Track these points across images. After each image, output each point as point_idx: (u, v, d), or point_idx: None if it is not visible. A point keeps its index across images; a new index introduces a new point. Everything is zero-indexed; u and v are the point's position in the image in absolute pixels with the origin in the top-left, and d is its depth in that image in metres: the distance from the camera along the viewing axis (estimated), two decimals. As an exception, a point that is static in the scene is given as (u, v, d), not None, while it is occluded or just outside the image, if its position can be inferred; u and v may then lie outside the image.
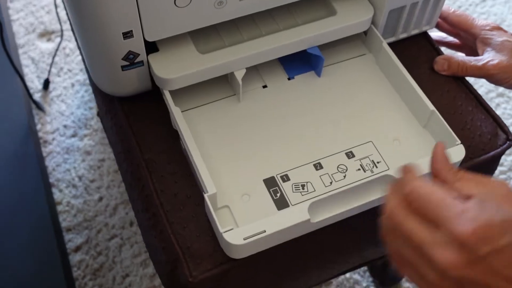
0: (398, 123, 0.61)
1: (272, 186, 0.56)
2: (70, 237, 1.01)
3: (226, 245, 0.51)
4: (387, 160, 0.58)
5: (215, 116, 0.61)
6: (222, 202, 0.54)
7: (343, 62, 0.66)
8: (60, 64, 1.23)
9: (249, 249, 0.51)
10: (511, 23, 1.34)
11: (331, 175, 0.57)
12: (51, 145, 1.12)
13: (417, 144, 0.59)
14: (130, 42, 0.55)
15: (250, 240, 0.50)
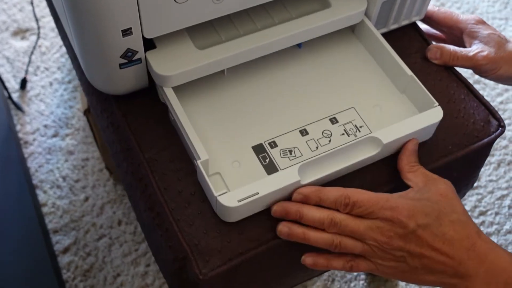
0: (378, 90, 0.64)
1: (261, 152, 0.58)
2: (58, 239, 0.99)
3: (221, 209, 0.53)
4: (369, 124, 0.61)
5: (202, 89, 0.62)
6: (213, 169, 0.56)
7: (325, 35, 0.66)
8: (37, 62, 1.21)
9: (243, 212, 0.54)
10: (483, 11, 1.37)
11: (317, 140, 0.59)
12: (32, 145, 1.10)
13: (397, 109, 0.62)
14: (128, 39, 0.54)
15: (244, 202, 0.52)
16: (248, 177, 0.56)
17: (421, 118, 0.58)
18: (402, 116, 0.61)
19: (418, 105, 0.62)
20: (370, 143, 0.57)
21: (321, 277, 0.98)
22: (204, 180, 0.53)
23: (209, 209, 0.55)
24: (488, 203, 1.08)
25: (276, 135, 0.59)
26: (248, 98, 0.62)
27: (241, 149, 0.58)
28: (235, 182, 0.56)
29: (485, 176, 1.11)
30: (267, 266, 0.57)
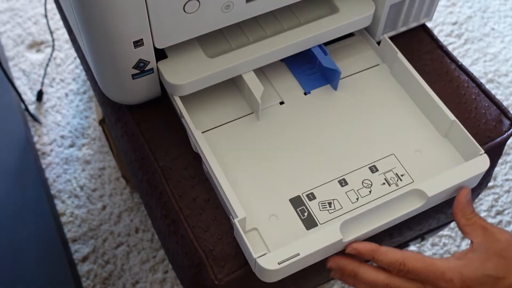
0: (418, 134, 0.61)
1: (299, 205, 0.56)
2: (77, 248, 1.01)
3: (260, 271, 0.50)
4: (410, 172, 0.58)
5: (235, 136, 0.60)
6: (250, 225, 0.54)
7: (357, 73, 0.65)
8: (52, 74, 1.23)
9: (283, 273, 0.51)
10: (495, 9, 1.36)
11: (357, 191, 0.57)
12: (49, 156, 1.11)
13: (439, 154, 0.59)
14: (140, 50, 0.55)
15: (285, 264, 0.50)
16: (286, 233, 0.54)
17: (467, 167, 0.56)
18: (445, 163, 0.59)
19: (462, 152, 0.59)
20: (414, 196, 0.54)
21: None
22: (242, 240, 0.51)
23: (223, 215, 0.56)
24: (505, 202, 1.07)
25: (314, 186, 0.57)
26: (283, 145, 0.59)
27: (278, 202, 0.56)
28: (273, 239, 0.53)
29: (501, 175, 1.10)
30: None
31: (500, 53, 1.28)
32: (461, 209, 0.55)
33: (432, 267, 0.51)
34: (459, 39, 1.31)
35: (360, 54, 0.67)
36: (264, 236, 0.53)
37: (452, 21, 1.34)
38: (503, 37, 1.31)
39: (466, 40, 1.30)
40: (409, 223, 0.65)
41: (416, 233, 0.70)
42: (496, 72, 1.25)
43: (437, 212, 0.66)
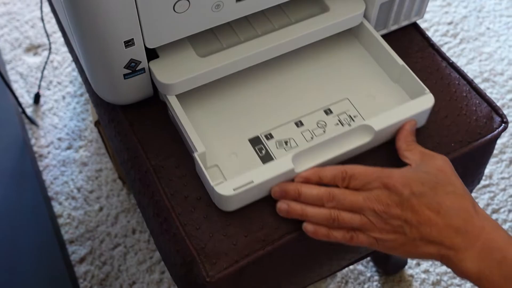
0: (371, 80, 0.65)
1: (257, 144, 0.59)
2: (74, 249, 1.01)
3: (218, 198, 0.54)
4: (362, 113, 0.62)
5: (200, 87, 0.62)
6: (211, 162, 0.58)
7: None
8: (49, 77, 1.23)
9: (239, 201, 0.55)
10: (490, 9, 1.37)
11: (312, 130, 0.61)
12: (46, 158, 1.12)
13: (390, 98, 0.63)
14: (131, 50, 0.56)
15: (239, 190, 0.53)
16: (244, 168, 0.57)
17: (412, 105, 0.59)
18: (395, 105, 0.62)
19: (410, 94, 0.63)
20: (362, 131, 0.58)
21: (335, 279, 0.98)
22: (202, 172, 0.55)
23: (215, 213, 0.56)
24: (501, 200, 1.07)
25: (272, 127, 0.61)
26: (245, 93, 0.63)
27: (238, 142, 0.59)
28: (232, 172, 0.57)
29: (497, 173, 1.11)
30: (274, 266, 0.57)
31: (496, 52, 1.29)
32: (404, 136, 0.58)
33: (373, 169, 0.54)
34: (455, 38, 1.31)
35: None
36: (223, 170, 0.58)
37: (447, 21, 1.34)
38: (498, 36, 1.32)
39: (462, 40, 1.31)
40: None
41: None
42: (491, 71, 1.26)
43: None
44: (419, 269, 1.00)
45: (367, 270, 0.99)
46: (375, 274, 0.99)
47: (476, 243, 0.51)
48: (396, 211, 0.52)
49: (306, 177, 0.55)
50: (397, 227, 0.52)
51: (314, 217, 0.54)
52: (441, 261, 0.53)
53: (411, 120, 0.59)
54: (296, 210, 0.54)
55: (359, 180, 0.54)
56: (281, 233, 0.56)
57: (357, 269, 0.99)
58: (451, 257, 0.51)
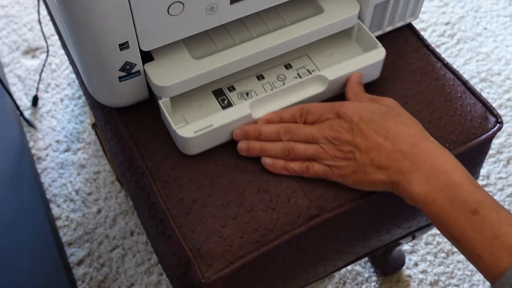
0: (331, 39, 0.67)
1: (220, 95, 0.63)
2: (72, 251, 1.01)
3: (180, 141, 0.58)
4: (320, 68, 0.65)
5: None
6: (177, 111, 0.61)
7: None
8: (47, 80, 1.24)
9: (200, 144, 0.59)
10: (487, 9, 1.37)
11: (272, 83, 0.64)
12: (45, 161, 1.12)
13: (348, 54, 0.66)
14: (126, 53, 0.56)
15: (200, 133, 0.57)
16: (207, 116, 0.60)
17: (363, 57, 0.63)
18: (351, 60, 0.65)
19: (366, 50, 0.66)
20: (317, 81, 0.62)
21: (332, 280, 0.98)
22: (166, 118, 0.59)
23: (210, 215, 0.56)
24: (499, 200, 1.08)
25: (234, 80, 0.64)
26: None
27: (203, 94, 0.63)
28: (194, 119, 0.60)
29: (495, 173, 1.11)
30: (270, 267, 0.58)
31: (493, 52, 1.29)
32: (351, 87, 0.61)
33: (328, 103, 0.58)
34: (452, 39, 1.31)
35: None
36: (187, 118, 0.61)
37: (444, 21, 1.34)
38: (495, 36, 1.32)
39: (459, 40, 1.31)
40: (396, 221, 0.66)
41: (405, 230, 0.71)
42: (489, 71, 1.26)
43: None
44: (417, 269, 1.00)
45: (365, 271, 0.99)
46: (373, 274, 0.99)
47: (423, 166, 0.52)
48: (346, 137, 0.55)
49: (267, 119, 0.59)
50: (348, 153, 0.55)
51: (272, 150, 0.57)
52: (392, 189, 0.54)
53: (356, 73, 0.62)
54: (255, 147, 0.58)
55: (315, 114, 0.57)
56: (276, 234, 0.56)
57: (355, 269, 0.99)
58: (400, 182, 0.53)
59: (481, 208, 0.50)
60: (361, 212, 0.60)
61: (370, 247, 0.69)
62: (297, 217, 0.57)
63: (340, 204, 0.58)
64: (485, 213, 0.50)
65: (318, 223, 0.57)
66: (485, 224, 0.49)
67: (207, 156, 0.60)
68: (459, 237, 0.50)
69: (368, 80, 0.65)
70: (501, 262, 0.47)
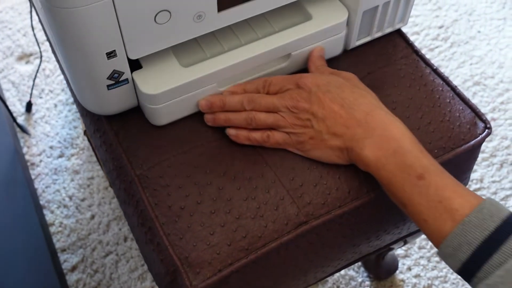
0: None
1: None
2: (66, 257, 1.01)
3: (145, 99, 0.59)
4: None
5: None
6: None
7: None
8: (41, 85, 1.24)
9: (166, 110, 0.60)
10: (481, 12, 1.37)
11: None
12: (38, 167, 1.12)
13: None
14: (114, 61, 0.56)
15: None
16: None
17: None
18: None
19: None
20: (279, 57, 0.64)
21: (325, 285, 0.98)
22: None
23: (198, 223, 0.57)
24: (492, 204, 1.08)
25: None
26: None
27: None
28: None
29: (488, 177, 1.11)
30: (258, 275, 0.58)
31: (486, 56, 1.29)
32: (313, 61, 0.64)
33: (290, 75, 0.61)
34: (446, 42, 1.32)
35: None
36: None
37: (438, 25, 1.35)
38: (489, 39, 1.32)
39: (453, 43, 1.31)
40: (385, 227, 0.66)
41: (395, 236, 0.71)
42: (482, 75, 1.26)
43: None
44: (410, 274, 1.00)
45: (358, 275, 0.99)
46: (366, 279, 0.99)
47: (375, 133, 0.55)
48: (304, 105, 0.58)
49: (232, 91, 0.62)
50: (306, 120, 0.58)
51: (235, 120, 0.60)
52: (347, 156, 0.57)
53: (317, 47, 0.65)
54: (220, 118, 0.61)
55: (277, 85, 0.60)
56: (264, 241, 0.56)
57: (348, 274, 0.99)
58: (354, 147, 0.56)
59: (427, 174, 0.52)
60: (350, 219, 0.60)
61: (360, 253, 0.69)
62: (285, 225, 0.57)
63: (328, 211, 0.58)
64: (431, 178, 0.52)
65: (306, 230, 0.57)
66: (430, 189, 0.52)
67: (195, 163, 0.60)
68: (406, 201, 0.53)
69: (331, 55, 0.67)
70: (444, 226, 0.50)
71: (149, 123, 0.63)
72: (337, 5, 0.65)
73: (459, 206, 0.50)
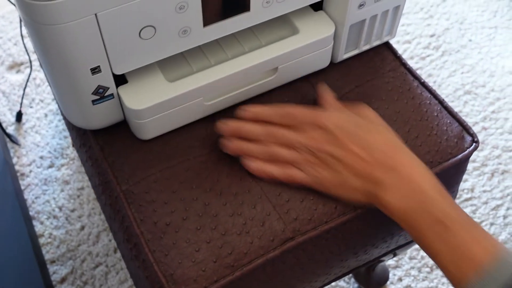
0: None
1: None
2: (55, 269, 1.01)
3: (131, 114, 0.59)
4: None
5: None
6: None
7: None
8: (32, 95, 1.23)
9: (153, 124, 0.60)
10: (472, 20, 1.38)
11: None
12: (28, 177, 1.12)
13: None
14: (98, 77, 0.56)
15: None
16: None
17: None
18: None
19: None
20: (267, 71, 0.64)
21: None
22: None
23: (184, 239, 0.56)
24: (483, 213, 1.08)
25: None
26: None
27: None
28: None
29: (479, 186, 1.11)
30: (244, 292, 0.57)
31: (478, 64, 1.29)
32: (324, 98, 0.63)
33: (308, 109, 0.60)
34: (437, 51, 1.32)
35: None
36: None
37: (429, 33, 1.35)
38: (480, 48, 1.33)
39: (444, 52, 1.31)
40: (373, 241, 0.65)
41: (383, 250, 0.71)
42: (473, 83, 1.26)
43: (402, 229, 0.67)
44: (401, 285, 1.00)
45: (349, 286, 0.99)
46: (357, 290, 0.99)
47: (394, 175, 0.55)
48: (325, 147, 0.57)
49: (247, 116, 0.60)
50: (327, 161, 0.57)
51: (254, 152, 0.59)
52: (367, 197, 0.56)
53: (321, 86, 0.64)
54: (239, 146, 0.59)
55: (296, 119, 0.59)
56: (250, 258, 0.56)
57: (339, 285, 0.99)
58: (374, 191, 0.55)
59: (448, 219, 0.52)
60: (337, 234, 0.60)
61: (349, 267, 0.69)
62: (272, 241, 0.57)
63: (315, 227, 0.58)
64: (451, 224, 0.52)
65: (293, 246, 0.57)
66: (450, 235, 0.51)
67: (182, 179, 0.60)
68: (427, 248, 0.53)
69: (318, 68, 0.67)
70: (464, 275, 0.49)
71: (135, 137, 0.63)
72: (324, 19, 0.65)
73: (478, 255, 0.50)
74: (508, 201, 1.09)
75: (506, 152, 1.15)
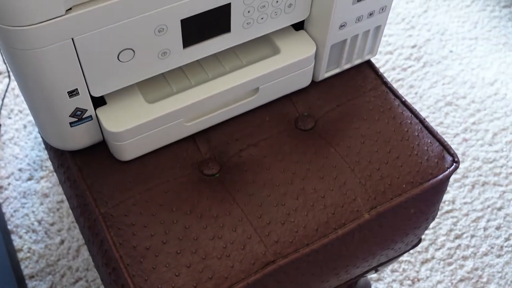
0: None
1: None
2: (34, 284, 0.99)
3: (110, 137, 0.58)
4: None
5: None
6: None
7: None
8: (10, 105, 1.21)
9: (132, 145, 0.59)
10: (453, 31, 1.39)
11: None
12: (7, 190, 1.10)
13: None
14: (76, 99, 0.55)
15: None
16: None
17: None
18: None
19: None
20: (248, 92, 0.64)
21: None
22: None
23: (164, 264, 0.55)
24: (464, 225, 1.08)
25: None
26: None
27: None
28: None
29: (460, 198, 1.12)
30: (224, 317, 0.57)
31: (458, 75, 1.30)
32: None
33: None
34: (418, 62, 1.32)
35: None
36: None
37: (411, 44, 1.35)
38: (461, 59, 1.34)
39: (425, 63, 1.32)
40: (354, 262, 0.65)
41: (365, 269, 0.71)
42: (454, 95, 1.27)
43: (384, 249, 0.67)
44: (383, 298, 1.00)
45: (331, 300, 0.99)
46: (339, 303, 0.98)
47: None
48: None
49: None
50: None
51: None
52: None
53: None
54: None
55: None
56: (231, 282, 0.55)
57: (321, 299, 0.99)
58: None
59: None
60: (318, 256, 0.59)
61: (330, 286, 0.69)
62: (253, 264, 0.56)
63: (296, 249, 0.58)
64: None
65: (274, 270, 0.57)
66: None
67: (161, 201, 0.59)
68: None
69: (299, 87, 0.67)
70: None
71: (114, 158, 0.62)
72: (305, 39, 0.65)
73: None
74: (488, 213, 1.10)
75: (486, 163, 1.16)
